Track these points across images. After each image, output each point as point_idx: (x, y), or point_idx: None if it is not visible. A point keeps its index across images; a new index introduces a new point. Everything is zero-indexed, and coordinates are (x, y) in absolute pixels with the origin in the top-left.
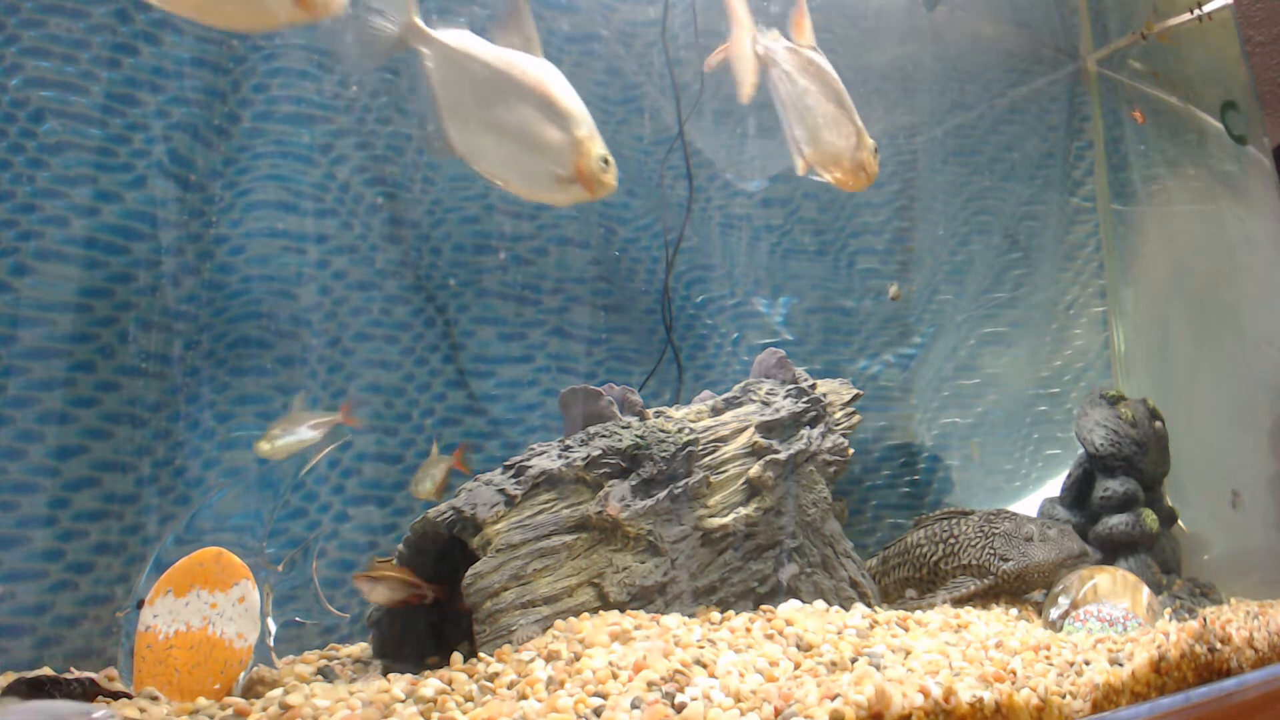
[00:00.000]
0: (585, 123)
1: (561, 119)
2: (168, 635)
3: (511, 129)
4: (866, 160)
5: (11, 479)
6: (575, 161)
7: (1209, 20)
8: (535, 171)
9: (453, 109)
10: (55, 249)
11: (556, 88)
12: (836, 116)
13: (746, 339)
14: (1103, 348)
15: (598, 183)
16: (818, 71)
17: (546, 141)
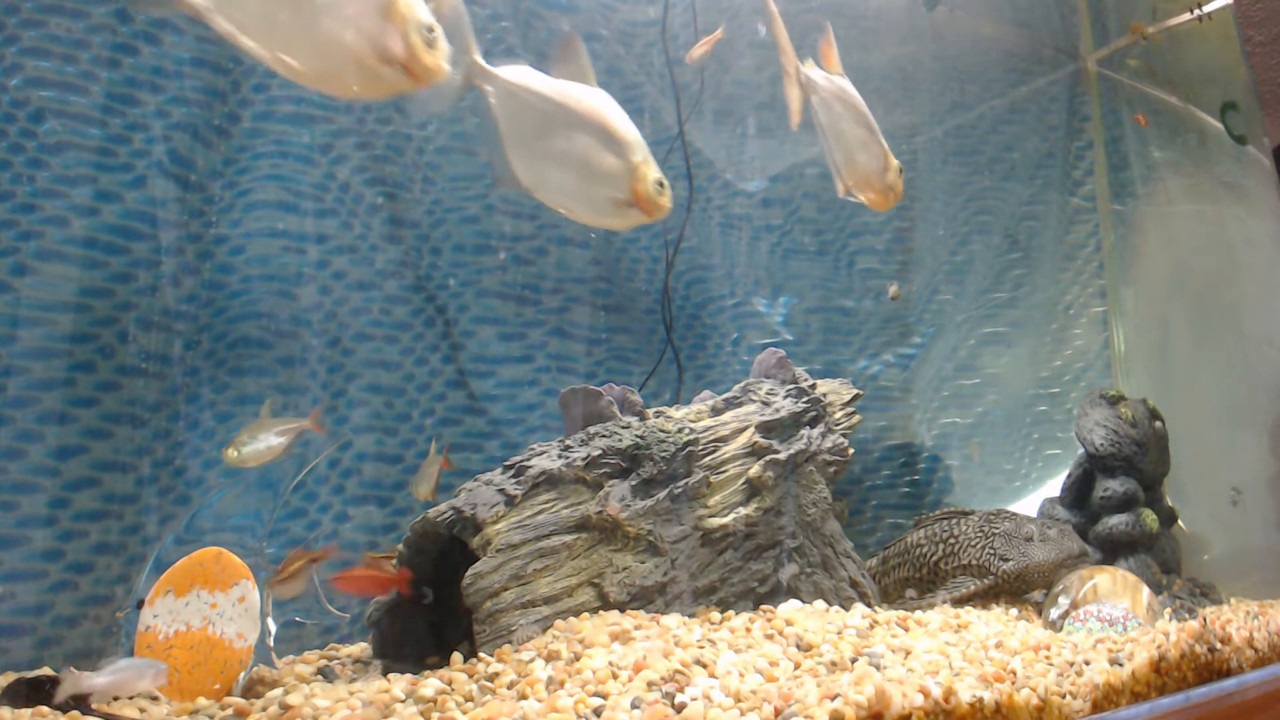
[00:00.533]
0: (640, 148)
1: (618, 145)
2: (168, 635)
3: (571, 158)
4: (893, 181)
5: (11, 479)
6: (633, 186)
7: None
8: (595, 198)
9: (516, 143)
10: (55, 249)
11: (611, 115)
12: (866, 140)
13: (746, 339)
14: (1103, 348)
15: (655, 206)
16: (848, 98)
17: (605, 169)
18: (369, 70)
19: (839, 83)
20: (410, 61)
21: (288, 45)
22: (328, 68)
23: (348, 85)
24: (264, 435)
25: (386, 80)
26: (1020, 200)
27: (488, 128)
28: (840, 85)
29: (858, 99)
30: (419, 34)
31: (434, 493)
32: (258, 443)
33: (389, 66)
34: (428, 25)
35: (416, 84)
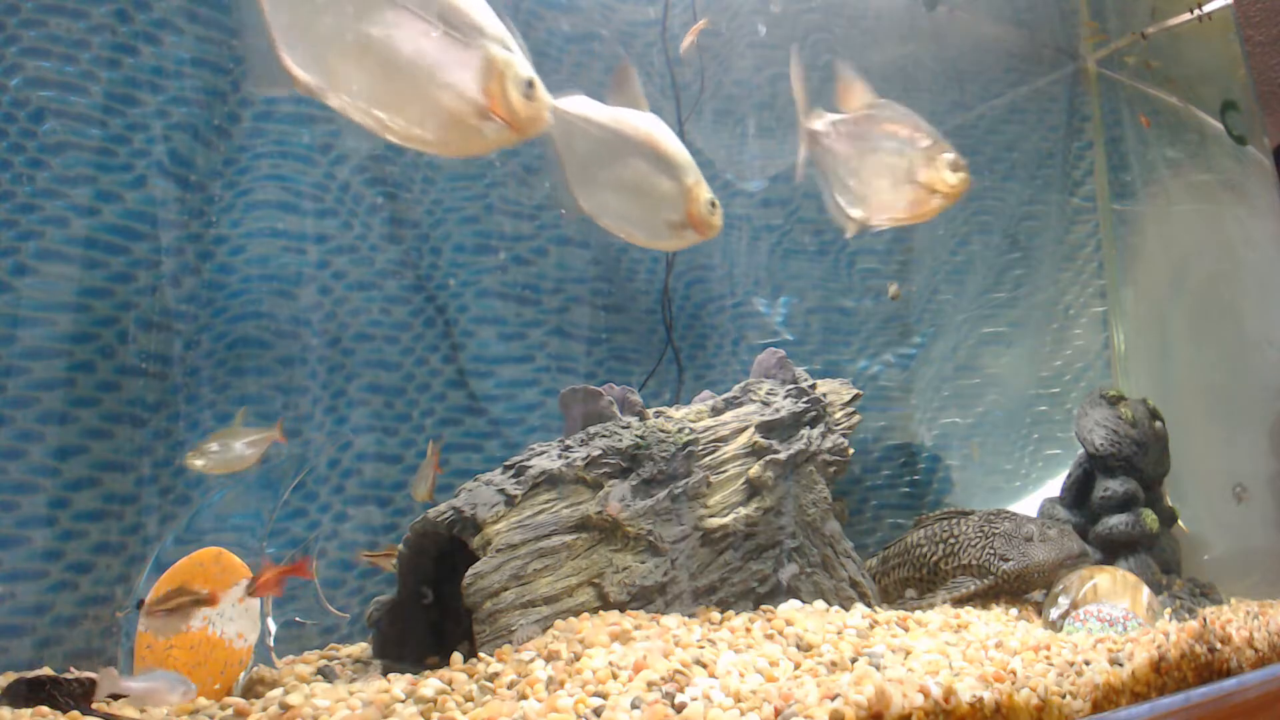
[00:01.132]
0: (692, 170)
1: (671, 169)
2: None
3: (628, 183)
4: (941, 180)
5: (11, 479)
6: (686, 208)
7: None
8: (652, 222)
9: (577, 172)
10: (55, 249)
11: (663, 140)
12: (889, 164)
13: (746, 339)
14: (1103, 348)
15: (708, 225)
16: (867, 128)
17: (660, 192)
18: (473, 129)
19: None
20: (511, 117)
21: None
22: (435, 132)
23: (455, 146)
24: (233, 444)
25: (491, 136)
26: (1020, 200)
27: (550, 158)
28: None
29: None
30: (519, 89)
31: (431, 493)
32: (226, 453)
33: (491, 123)
34: (527, 80)
35: (520, 137)
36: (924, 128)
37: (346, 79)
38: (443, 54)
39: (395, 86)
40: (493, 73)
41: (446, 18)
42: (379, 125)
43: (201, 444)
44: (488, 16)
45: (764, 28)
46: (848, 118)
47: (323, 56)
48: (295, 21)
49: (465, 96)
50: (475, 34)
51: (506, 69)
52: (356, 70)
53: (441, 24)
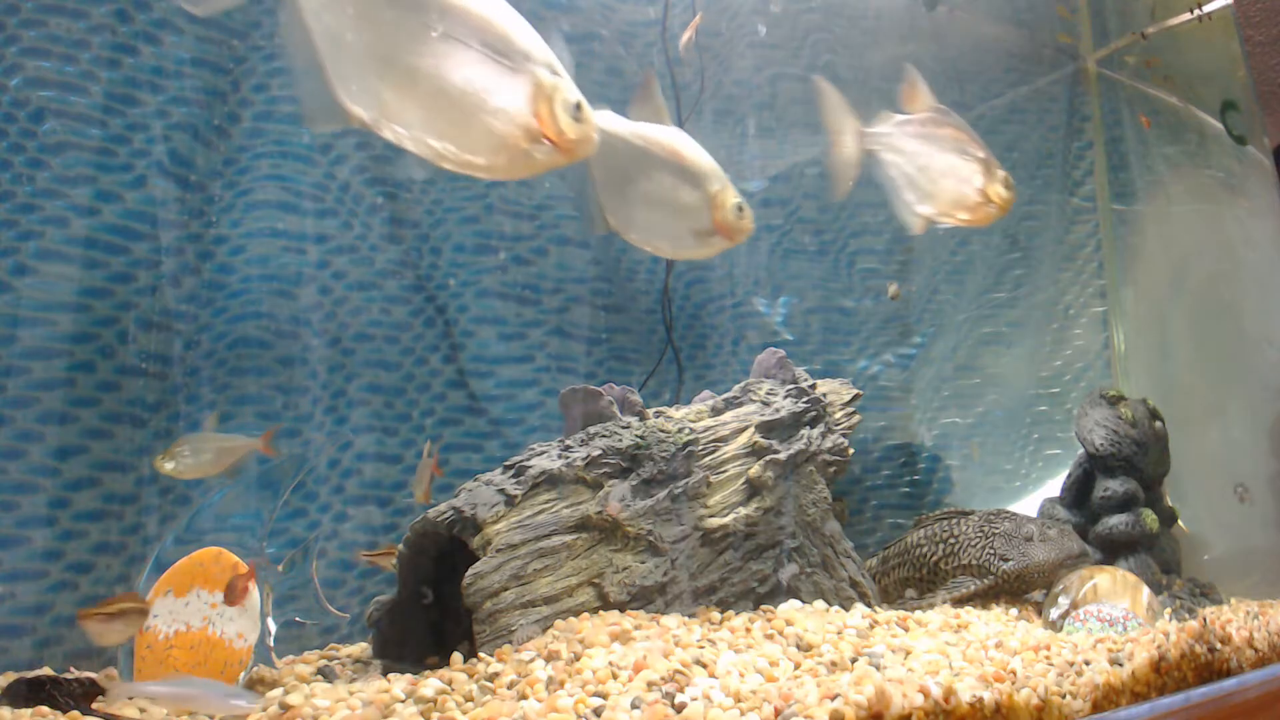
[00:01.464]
0: (717, 177)
1: (695, 178)
2: (168, 635)
3: (654, 197)
4: (996, 192)
5: (11, 479)
6: (713, 216)
7: (1209, 20)
8: (678, 231)
9: (605, 187)
10: (55, 249)
11: (686, 150)
12: (955, 166)
13: (746, 339)
14: (1103, 348)
15: (737, 230)
16: (933, 131)
17: (685, 202)
18: (524, 153)
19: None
20: (561, 139)
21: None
22: (487, 158)
23: (507, 170)
24: (205, 450)
25: (541, 159)
26: (1020, 200)
27: (579, 175)
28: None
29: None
30: (567, 112)
31: (428, 495)
32: (196, 458)
33: (541, 145)
34: (575, 103)
35: (569, 158)
36: (979, 139)
37: (399, 111)
38: (492, 81)
39: (447, 116)
40: (541, 97)
41: (494, 45)
42: (432, 154)
43: (172, 446)
44: (534, 42)
45: (764, 28)
46: (915, 118)
47: (375, 91)
48: (348, 58)
49: (515, 121)
50: (523, 59)
51: (554, 93)
52: (409, 102)
53: (489, 51)
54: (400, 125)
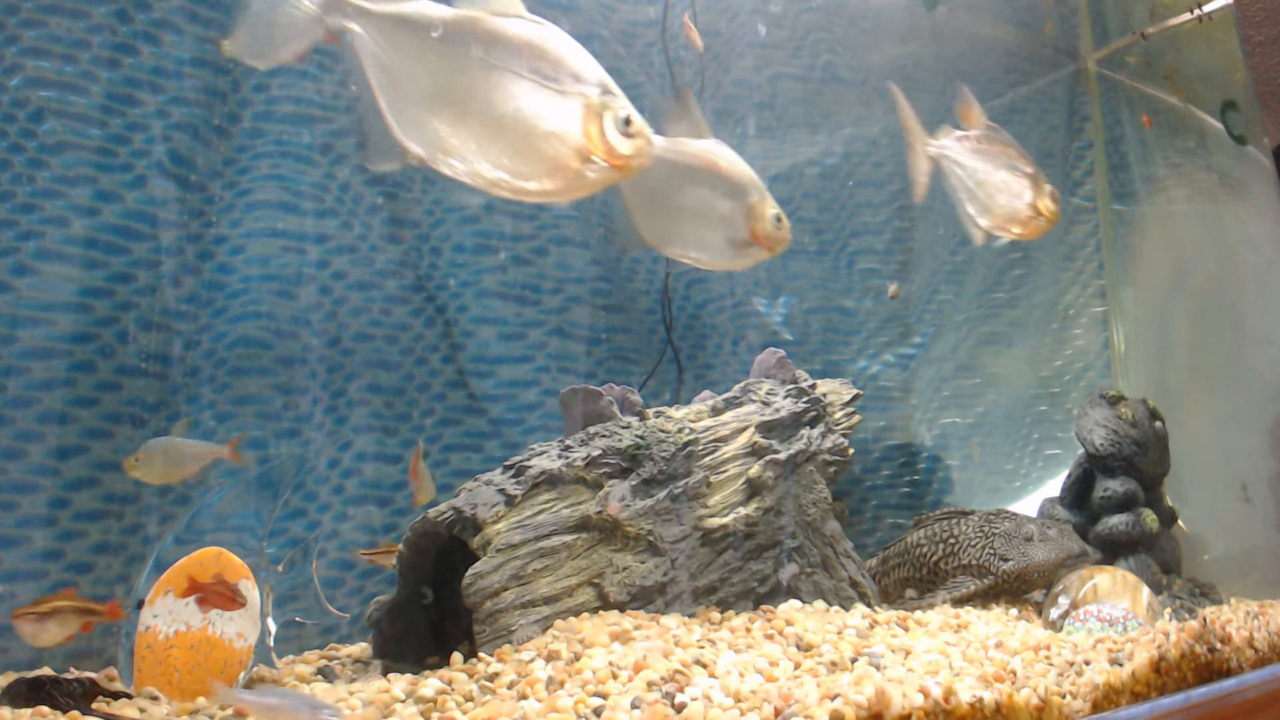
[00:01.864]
0: (754, 187)
1: (731, 189)
2: (168, 635)
3: (691, 210)
4: (1044, 206)
5: (11, 479)
6: (750, 226)
7: (1209, 20)
8: (716, 243)
9: (640, 205)
10: (55, 249)
11: (722, 161)
12: (1008, 182)
13: (746, 339)
14: (1103, 348)
15: (775, 241)
16: (987, 147)
17: (722, 214)
18: (576, 174)
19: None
20: (612, 156)
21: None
22: (543, 183)
23: (565, 193)
24: (174, 456)
25: (597, 178)
26: None
27: (612, 196)
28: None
29: (999, 142)
30: (617, 129)
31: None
32: (164, 465)
33: (592, 164)
34: (624, 118)
35: (625, 174)
36: (1027, 154)
37: (454, 145)
38: (541, 106)
39: (499, 145)
40: (591, 116)
41: (542, 70)
42: (488, 185)
43: (140, 449)
44: (585, 62)
45: (764, 28)
46: (970, 134)
47: (430, 126)
48: (402, 96)
49: (566, 143)
50: (572, 81)
51: (604, 110)
52: (462, 135)
53: (537, 77)
54: (455, 158)
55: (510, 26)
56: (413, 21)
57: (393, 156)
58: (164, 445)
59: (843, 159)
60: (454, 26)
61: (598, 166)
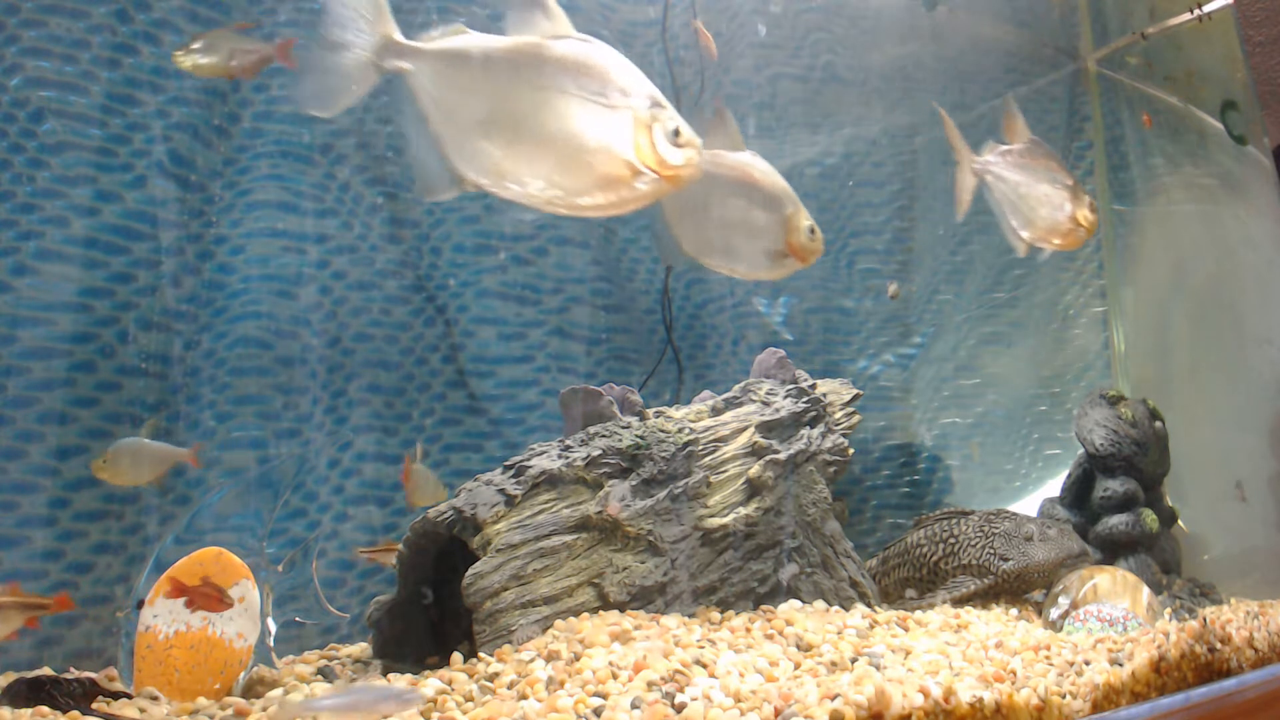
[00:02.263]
0: (789, 199)
1: (768, 201)
2: (168, 635)
3: (729, 222)
4: (1083, 216)
5: (11, 479)
6: (786, 238)
7: (1209, 20)
8: (753, 255)
9: (679, 218)
10: (55, 249)
11: (758, 174)
12: (1049, 195)
13: (746, 339)
14: (1103, 348)
15: (808, 252)
16: (1029, 162)
17: (759, 226)
18: (629, 187)
19: (1019, 149)
20: (662, 168)
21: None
22: (598, 198)
23: (618, 206)
24: (138, 456)
25: (649, 190)
26: None
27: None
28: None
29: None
30: (666, 140)
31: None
32: (130, 467)
33: (644, 177)
34: (673, 129)
35: (676, 185)
36: (1066, 167)
37: (509, 168)
38: (592, 123)
39: (552, 164)
40: (640, 129)
41: (591, 88)
42: (544, 203)
43: (108, 451)
44: (632, 76)
45: (764, 28)
46: (1014, 149)
47: (485, 152)
48: (456, 125)
49: (616, 158)
50: (620, 96)
51: (653, 122)
52: (516, 158)
53: (587, 95)
54: (511, 181)
55: (558, 46)
56: (467, 55)
57: (447, 187)
58: (131, 447)
59: (843, 159)
60: (506, 55)
61: (649, 178)
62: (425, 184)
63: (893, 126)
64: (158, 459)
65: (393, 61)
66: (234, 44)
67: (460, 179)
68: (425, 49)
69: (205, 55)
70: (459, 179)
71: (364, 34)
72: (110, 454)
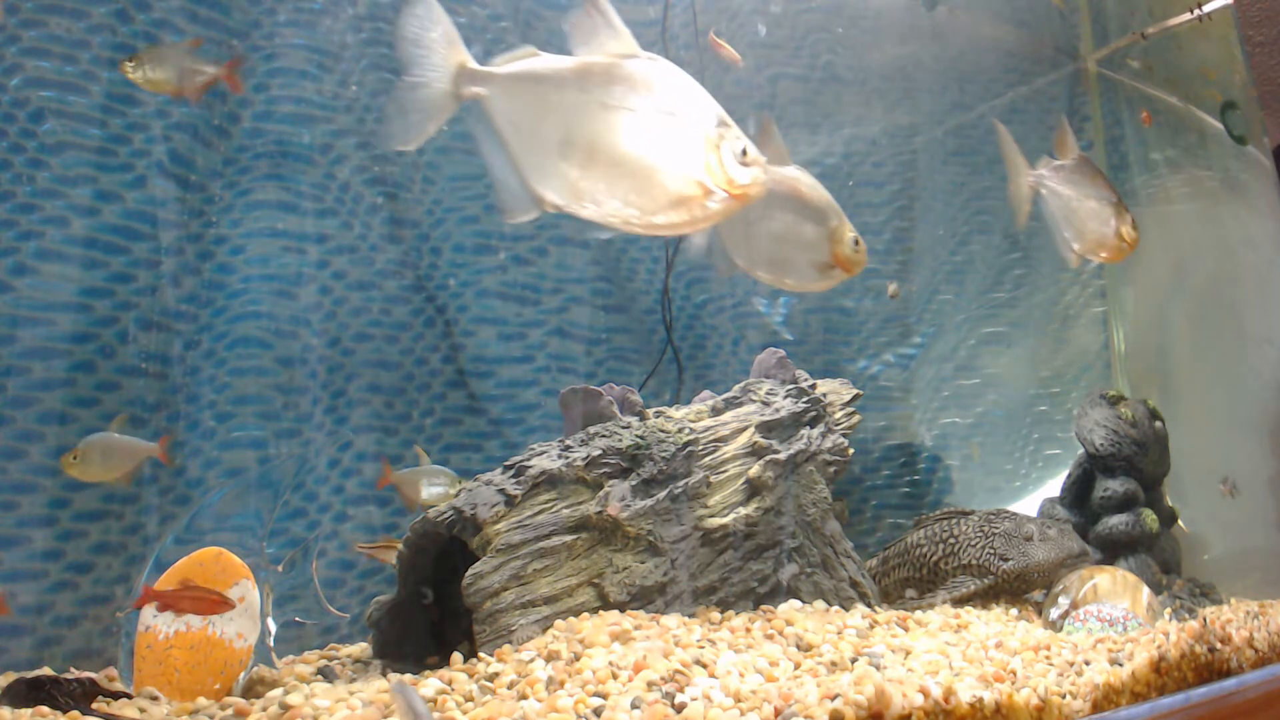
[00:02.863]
0: (835, 212)
1: (814, 214)
2: (168, 635)
3: (778, 235)
4: (1126, 232)
5: (11, 479)
6: (832, 250)
7: (1209, 20)
8: (801, 266)
9: (731, 231)
10: (55, 249)
11: (805, 187)
12: (1096, 210)
13: (746, 339)
14: (1103, 348)
15: (854, 263)
16: (1079, 178)
17: (807, 239)
18: (702, 206)
19: (1071, 165)
20: (732, 186)
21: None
22: (669, 216)
23: (689, 224)
24: (107, 451)
25: (718, 209)
26: None
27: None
28: (1071, 167)
29: (1087, 174)
30: (735, 159)
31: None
32: (99, 459)
33: (715, 195)
34: (741, 149)
35: (744, 203)
36: (1111, 184)
37: (586, 188)
38: (665, 143)
39: (629, 184)
40: (710, 149)
41: (662, 108)
42: (622, 223)
43: (79, 446)
44: (699, 95)
45: (764, 28)
46: (1065, 164)
47: (562, 173)
48: (533, 148)
49: (690, 178)
50: (688, 115)
51: (721, 142)
52: (593, 178)
53: (658, 115)
54: (588, 201)
55: (627, 66)
56: (538, 76)
57: (528, 208)
58: (100, 442)
59: (843, 159)
60: (576, 75)
61: (720, 197)
62: (506, 206)
63: (893, 126)
64: (127, 454)
65: (469, 89)
66: (183, 62)
67: (539, 200)
68: (499, 73)
69: (154, 69)
70: (538, 200)
71: (439, 65)
72: (80, 450)
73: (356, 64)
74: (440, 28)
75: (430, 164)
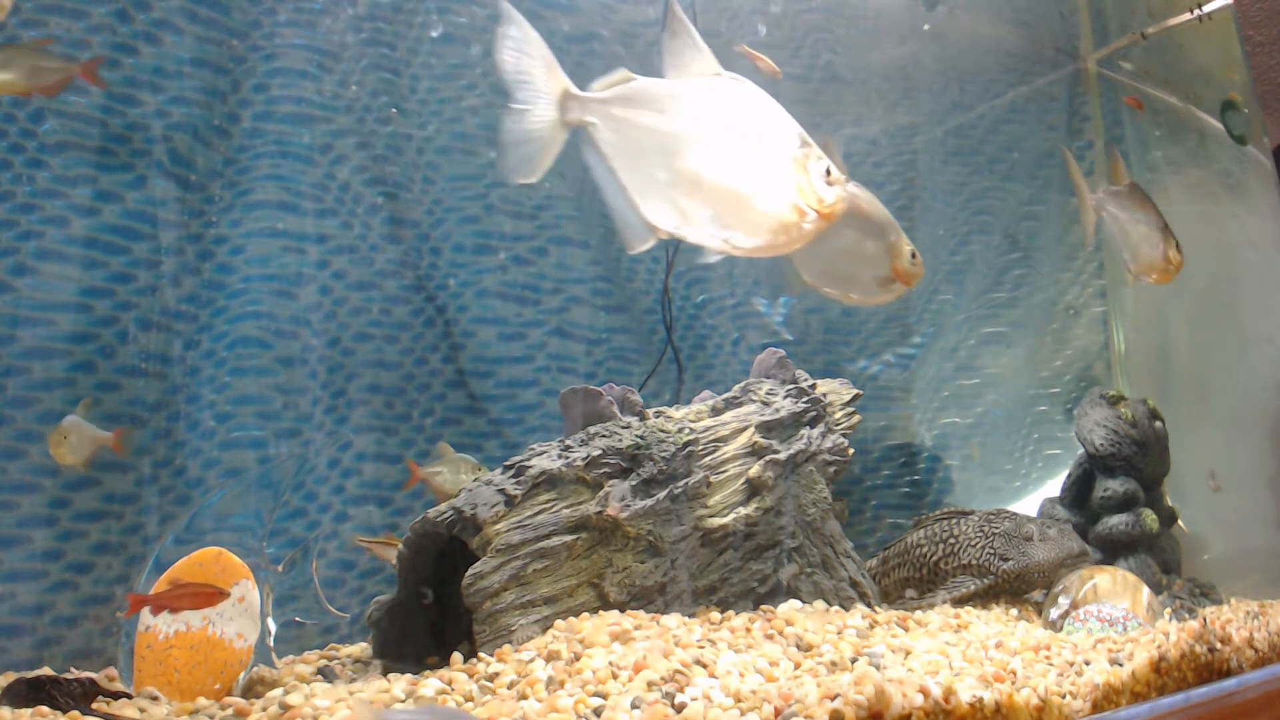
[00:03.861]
0: (893, 227)
1: (874, 230)
2: (168, 635)
3: (843, 251)
4: (1172, 255)
5: (11, 479)
6: (892, 264)
7: (1209, 20)
8: (864, 280)
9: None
10: (55, 249)
11: (864, 203)
12: (1147, 234)
13: (746, 339)
14: (1103, 348)
15: (911, 276)
16: (1132, 204)
17: (869, 254)
18: (797, 225)
19: (1126, 191)
20: (820, 206)
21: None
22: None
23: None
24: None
25: (809, 229)
26: (1020, 200)
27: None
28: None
29: (1138, 200)
30: (821, 179)
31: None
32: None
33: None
34: (825, 168)
35: (829, 222)
36: (1158, 210)
37: (695, 214)
38: (760, 166)
39: (732, 207)
40: (800, 171)
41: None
42: (729, 247)
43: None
44: (783, 116)
45: (764, 28)
46: (1120, 190)
47: (672, 200)
48: (641, 178)
49: (786, 199)
50: (778, 137)
51: (808, 163)
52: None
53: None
54: (699, 226)
55: (719, 89)
56: (637, 100)
57: (646, 237)
58: (73, 426)
59: (843, 159)
60: (672, 98)
61: (812, 218)
62: (627, 235)
63: (893, 126)
64: (87, 440)
65: (576, 115)
66: (33, 60)
67: (653, 227)
68: (602, 98)
69: (2, 71)
70: (652, 227)
71: (544, 95)
72: (63, 429)
73: (356, 64)
74: (537, 50)
75: (430, 164)
